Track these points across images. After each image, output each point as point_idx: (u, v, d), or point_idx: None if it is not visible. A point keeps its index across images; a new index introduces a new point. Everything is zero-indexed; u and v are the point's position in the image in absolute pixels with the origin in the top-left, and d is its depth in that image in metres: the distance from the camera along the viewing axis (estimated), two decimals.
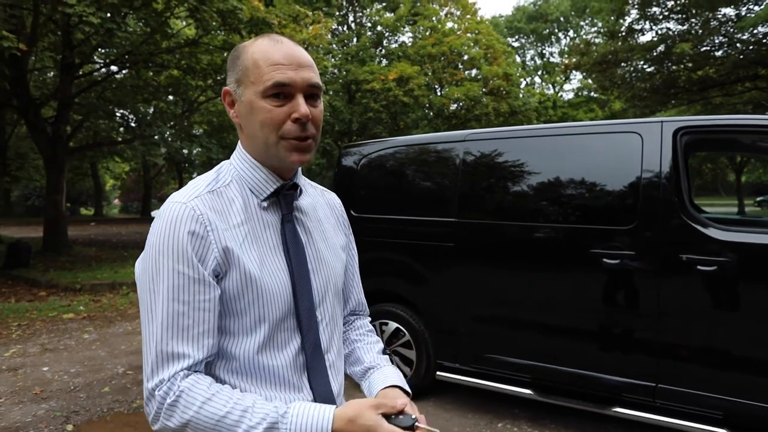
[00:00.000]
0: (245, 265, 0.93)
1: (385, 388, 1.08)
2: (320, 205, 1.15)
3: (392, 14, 24.13)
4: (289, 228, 1.01)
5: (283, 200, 1.02)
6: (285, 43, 0.96)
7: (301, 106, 0.93)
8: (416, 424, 0.91)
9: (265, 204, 1.00)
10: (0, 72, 9.94)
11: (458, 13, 25.62)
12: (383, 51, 24.63)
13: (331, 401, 1.00)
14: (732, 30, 14.22)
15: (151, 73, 12.92)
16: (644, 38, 16.72)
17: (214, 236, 0.90)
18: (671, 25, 15.67)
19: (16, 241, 10.48)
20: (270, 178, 1.00)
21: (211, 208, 0.93)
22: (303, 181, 1.11)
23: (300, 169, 1.08)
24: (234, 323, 0.94)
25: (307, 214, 1.08)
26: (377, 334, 4.13)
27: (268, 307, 0.94)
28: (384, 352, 1.21)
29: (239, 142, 1.04)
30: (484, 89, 23.21)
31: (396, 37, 25.24)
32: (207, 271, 0.89)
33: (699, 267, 2.71)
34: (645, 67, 17.00)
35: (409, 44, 24.40)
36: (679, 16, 15.20)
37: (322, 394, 1.00)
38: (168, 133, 12.54)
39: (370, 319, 1.32)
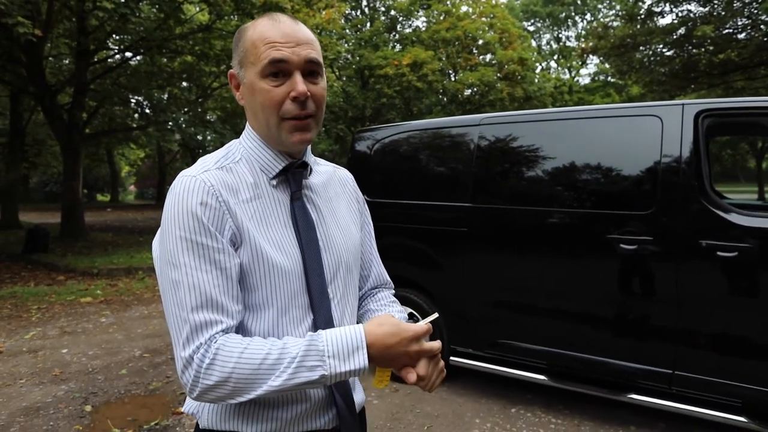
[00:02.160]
0: (255, 240, 0.93)
1: None
2: (332, 182, 1.15)
3: None
4: (298, 206, 1.02)
5: (292, 178, 1.03)
6: (283, 21, 0.96)
7: (299, 83, 0.93)
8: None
9: (274, 182, 1.01)
10: (17, 58, 10.03)
11: None
12: (397, 36, 24.40)
13: None
14: (756, 11, 13.81)
15: (165, 59, 12.96)
16: (664, 21, 16.31)
17: (226, 207, 0.92)
18: (692, 6, 15.26)
19: (35, 226, 10.64)
20: (278, 157, 1.01)
21: (221, 183, 0.94)
22: (313, 159, 1.12)
23: (309, 147, 1.08)
24: (248, 297, 0.95)
25: (317, 192, 1.08)
26: None
27: (278, 283, 0.95)
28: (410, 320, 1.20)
29: (247, 122, 1.05)
30: (498, 74, 22.93)
31: (410, 22, 24.98)
32: (225, 239, 0.91)
33: (719, 253, 2.66)
34: (664, 50, 16.60)
35: (423, 29, 24.13)
36: None
37: None
38: (182, 119, 12.61)
39: (393, 291, 1.30)
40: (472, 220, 3.50)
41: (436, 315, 1.02)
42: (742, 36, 14.69)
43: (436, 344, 0.97)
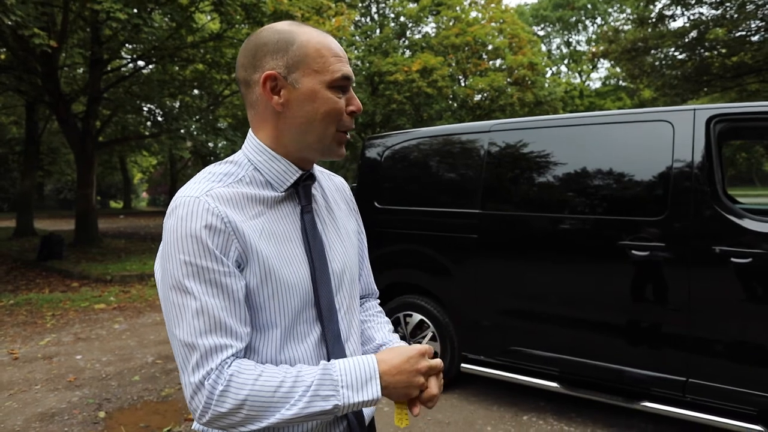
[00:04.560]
0: (264, 257, 0.91)
1: None
2: (330, 190, 1.14)
3: (415, 4, 23.92)
4: (308, 219, 1.00)
5: (302, 191, 1.01)
6: (329, 35, 0.98)
7: (356, 100, 0.98)
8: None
9: (282, 196, 0.98)
10: (32, 68, 10.20)
11: (482, 1, 25.24)
12: (406, 42, 24.45)
13: None
14: None
15: (176, 68, 13.10)
16: (675, 24, 16.29)
17: (232, 228, 0.89)
18: (704, 9, 15.15)
19: (49, 233, 10.77)
20: (290, 170, 0.98)
21: (225, 201, 0.90)
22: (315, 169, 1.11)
23: None
24: (255, 316, 0.93)
25: (320, 203, 1.07)
26: (401, 326, 4.08)
27: (288, 299, 0.93)
28: (395, 332, 1.24)
29: (251, 133, 1.01)
30: (508, 79, 22.88)
31: (419, 28, 25.02)
32: (231, 262, 0.88)
33: (733, 259, 2.63)
34: (676, 54, 16.49)
35: (433, 35, 24.16)
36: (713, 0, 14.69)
37: None
38: (193, 126, 12.69)
39: (379, 301, 1.32)
40: (482, 227, 3.49)
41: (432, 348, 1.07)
42: (755, 38, 14.56)
43: (439, 361, 1.00)
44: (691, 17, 15.46)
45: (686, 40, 15.51)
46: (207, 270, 0.86)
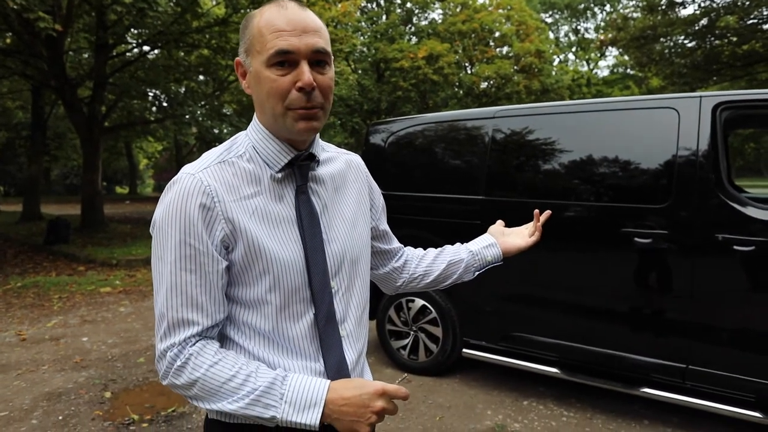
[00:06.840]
0: (254, 237, 0.93)
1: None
2: (340, 170, 1.13)
3: None
4: (303, 199, 1.00)
5: (298, 171, 1.01)
6: (290, 8, 0.93)
7: (305, 74, 0.90)
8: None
9: (279, 175, 0.99)
10: (38, 52, 10.19)
11: None
12: (413, 28, 24.25)
13: (345, 371, 1.02)
14: None
15: (182, 53, 13.05)
16: (685, 12, 15.98)
17: (221, 207, 0.92)
18: None
19: (56, 218, 10.84)
20: (284, 149, 0.99)
21: (219, 180, 0.94)
22: (320, 148, 1.09)
23: (318, 137, 1.07)
24: (247, 294, 0.96)
25: (323, 183, 1.06)
26: (404, 311, 4.08)
27: (279, 278, 0.95)
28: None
29: (255, 113, 1.03)
30: (515, 67, 22.71)
31: (426, 14, 24.81)
32: (215, 242, 0.91)
33: (736, 247, 2.63)
34: (686, 42, 16.28)
35: (439, 21, 23.96)
36: None
37: (334, 364, 1.00)
38: (199, 112, 12.69)
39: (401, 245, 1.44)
40: (485, 213, 3.49)
41: (405, 375, 1.04)
42: (767, 26, 14.34)
43: (394, 406, 0.95)
44: (702, 4, 15.24)
45: (696, 27, 15.30)
46: (189, 246, 0.90)
